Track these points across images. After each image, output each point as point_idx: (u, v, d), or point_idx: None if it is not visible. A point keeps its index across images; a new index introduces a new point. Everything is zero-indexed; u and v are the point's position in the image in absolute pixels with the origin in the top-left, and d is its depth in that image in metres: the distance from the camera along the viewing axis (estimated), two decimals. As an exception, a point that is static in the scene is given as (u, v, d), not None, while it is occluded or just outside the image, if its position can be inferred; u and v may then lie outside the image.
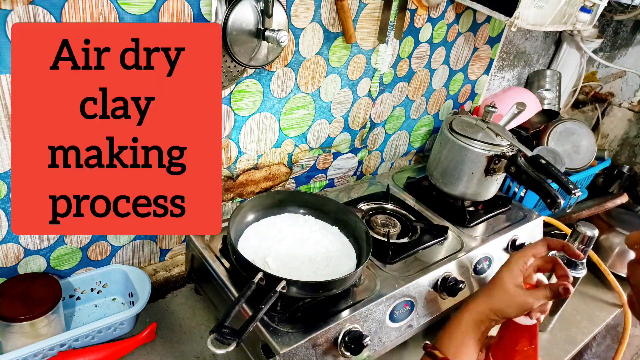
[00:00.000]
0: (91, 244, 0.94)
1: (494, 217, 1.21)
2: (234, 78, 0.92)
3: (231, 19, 0.81)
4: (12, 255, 0.86)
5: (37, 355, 0.80)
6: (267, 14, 0.84)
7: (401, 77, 1.23)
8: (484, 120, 1.17)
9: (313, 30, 0.98)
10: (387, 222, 1.09)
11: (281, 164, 1.14)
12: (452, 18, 1.22)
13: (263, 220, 0.99)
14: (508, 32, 1.43)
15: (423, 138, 1.46)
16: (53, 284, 0.85)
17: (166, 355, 0.90)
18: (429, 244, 1.05)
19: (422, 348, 0.72)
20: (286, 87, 1.02)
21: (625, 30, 1.94)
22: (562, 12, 1.06)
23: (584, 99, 1.97)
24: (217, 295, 0.91)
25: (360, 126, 1.24)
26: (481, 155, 1.12)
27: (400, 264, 0.98)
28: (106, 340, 0.88)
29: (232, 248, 0.86)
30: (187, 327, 0.96)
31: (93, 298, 0.97)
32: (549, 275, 0.87)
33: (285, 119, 1.07)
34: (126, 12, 0.75)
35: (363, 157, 1.32)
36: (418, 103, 1.34)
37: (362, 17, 1.04)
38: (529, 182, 1.09)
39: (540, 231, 1.25)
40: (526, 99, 1.38)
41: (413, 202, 1.21)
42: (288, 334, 0.78)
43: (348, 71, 1.10)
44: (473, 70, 1.41)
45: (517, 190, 1.36)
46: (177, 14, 0.80)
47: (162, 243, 1.05)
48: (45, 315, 0.80)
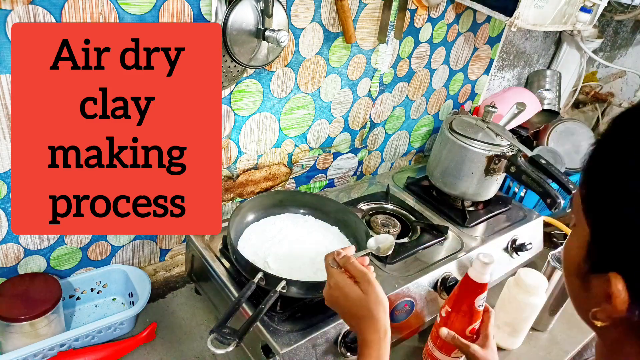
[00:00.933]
0: (91, 244, 0.94)
1: (494, 217, 1.21)
2: (234, 78, 0.92)
3: (231, 19, 0.81)
4: (12, 255, 0.86)
5: (37, 355, 0.80)
6: (267, 14, 0.84)
7: (401, 77, 1.23)
8: (484, 120, 1.17)
9: (313, 30, 0.98)
10: (387, 222, 1.09)
11: (281, 164, 1.13)
12: (452, 18, 1.22)
13: (263, 220, 0.99)
14: (508, 32, 1.43)
15: (423, 138, 1.46)
16: (53, 284, 0.85)
17: (166, 355, 0.89)
18: (429, 244, 1.05)
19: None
20: (286, 87, 1.02)
21: (625, 30, 1.94)
22: (562, 12, 1.06)
23: (584, 99, 1.98)
24: (217, 295, 0.91)
25: (360, 126, 1.24)
26: (481, 155, 1.12)
27: (400, 264, 0.98)
28: (106, 340, 0.88)
29: (232, 248, 0.86)
30: (187, 327, 0.96)
31: (93, 298, 0.97)
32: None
33: (285, 119, 1.07)
34: (126, 12, 0.75)
35: (363, 157, 1.32)
36: (418, 103, 1.34)
37: (362, 17, 1.04)
38: (529, 182, 1.09)
39: (541, 231, 1.25)
40: (526, 99, 1.38)
41: (413, 202, 1.21)
42: (288, 334, 0.78)
43: (348, 71, 1.10)
44: (473, 70, 1.41)
45: (517, 190, 1.36)
46: (177, 14, 0.80)
47: (162, 243, 1.05)
48: (45, 315, 0.80)
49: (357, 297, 0.66)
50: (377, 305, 0.66)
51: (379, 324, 0.66)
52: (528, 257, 1.20)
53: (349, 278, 0.68)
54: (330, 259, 0.71)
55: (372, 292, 0.66)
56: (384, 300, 0.67)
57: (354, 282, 0.68)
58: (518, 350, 1.04)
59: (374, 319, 0.66)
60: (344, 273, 0.69)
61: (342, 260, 0.69)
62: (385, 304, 0.67)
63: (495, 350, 0.80)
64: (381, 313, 0.66)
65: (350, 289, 0.67)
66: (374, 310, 0.66)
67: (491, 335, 0.81)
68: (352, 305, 0.67)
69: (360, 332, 0.67)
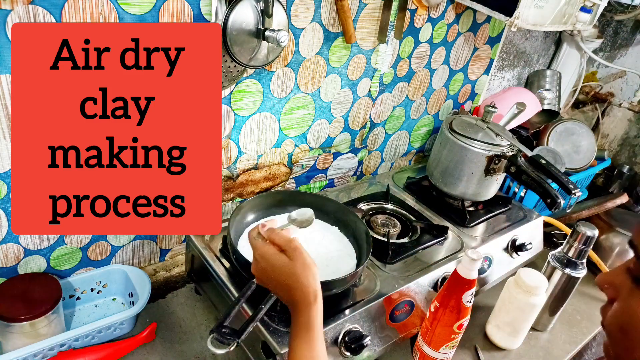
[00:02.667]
0: (91, 244, 0.94)
1: (494, 217, 1.21)
2: (234, 78, 0.92)
3: (231, 19, 0.81)
4: (12, 255, 0.86)
5: (37, 355, 0.80)
6: (267, 14, 0.84)
7: (401, 77, 1.23)
8: (484, 120, 1.17)
9: (313, 30, 0.98)
10: (387, 222, 1.09)
11: (281, 164, 1.14)
12: (452, 18, 1.22)
13: (263, 220, 0.99)
14: (508, 32, 1.43)
15: (423, 138, 1.46)
16: (53, 284, 0.85)
17: (166, 355, 0.90)
18: (429, 244, 1.05)
19: None
20: (286, 87, 1.02)
21: (625, 30, 1.94)
22: (562, 12, 1.06)
23: (584, 99, 1.97)
24: (217, 295, 0.91)
25: (360, 126, 1.24)
26: (481, 155, 1.12)
27: (400, 264, 0.98)
28: (106, 340, 0.88)
29: (232, 248, 0.86)
30: (187, 327, 0.96)
31: (93, 298, 0.97)
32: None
33: (285, 119, 1.07)
34: (126, 12, 0.75)
35: (363, 157, 1.32)
36: (418, 103, 1.34)
37: (362, 17, 1.04)
38: (529, 182, 1.09)
39: (541, 231, 1.25)
40: (526, 99, 1.38)
41: (413, 202, 1.21)
42: (288, 334, 0.78)
43: (348, 71, 1.10)
44: (473, 70, 1.41)
45: (517, 190, 1.36)
46: (177, 14, 0.80)
47: (162, 243, 1.05)
48: (45, 315, 0.80)
49: (284, 264, 0.65)
50: (304, 270, 0.65)
51: (308, 288, 0.64)
52: (528, 257, 1.20)
53: (275, 248, 0.68)
54: (255, 233, 0.70)
55: (299, 257, 0.65)
56: (311, 265, 0.66)
57: (280, 252, 0.67)
58: (518, 350, 1.04)
59: (302, 284, 0.64)
60: (269, 244, 0.68)
61: (267, 232, 0.69)
62: (314, 269, 0.66)
63: None
64: (310, 278, 0.65)
65: (275, 257, 0.66)
66: (300, 276, 0.64)
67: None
68: (279, 274, 0.66)
69: (290, 300, 0.66)
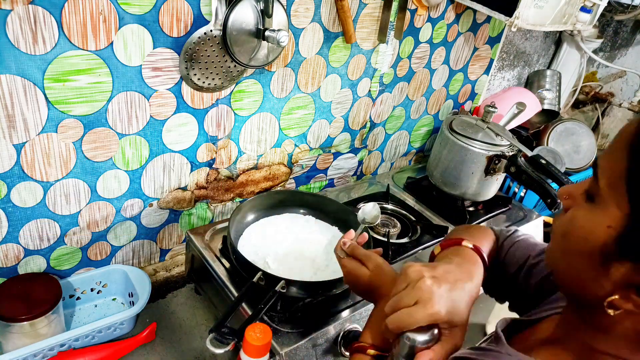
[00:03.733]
0: (91, 244, 0.94)
1: (494, 217, 1.21)
2: (234, 78, 0.92)
3: (231, 19, 0.81)
4: (12, 255, 0.85)
5: (37, 355, 0.80)
6: (267, 14, 0.84)
7: (401, 77, 1.23)
8: (484, 120, 1.17)
9: (313, 30, 0.98)
10: (387, 222, 1.09)
11: (281, 164, 1.13)
12: (452, 18, 1.22)
13: (263, 220, 0.99)
14: (508, 32, 1.43)
15: (423, 138, 1.46)
16: (53, 284, 0.84)
17: (166, 355, 0.89)
18: (429, 244, 1.05)
19: (351, 350, 0.67)
20: (286, 87, 1.02)
21: (625, 30, 1.94)
22: (562, 12, 1.06)
23: (584, 99, 1.98)
24: (217, 295, 0.91)
25: (360, 126, 1.24)
26: (481, 155, 1.12)
27: (400, 264, 0.98)
28: (106, 340, 0.88)
29: (232, 248, 0.86)
30: (187, 327, 0.96)
31: (93, 298, 0.97)
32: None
33: (285, 119, 1.07)
34: (126, 12, 0.75)
35: (363, 157, 1.32)
36: (418, 103, 1.34)
37: (362, 17, 1.04)
38: (529, 182, 1.09)
39: (541, 231, 1.25)
40: (526, 99, 1.38)
41: (413, 202, 1.21)
42: (288, 334, 0.78)
43: (348, 71, 1.10)
44: (473, 70, 1.41)
45: (517, 190, 1.36)
46: (177, 14, 0.80)
47: (162, 243, 1.05)
48: (45, 315, 0.80)
49: (366, 276, 0.71)
50: (380, 277, 0.70)
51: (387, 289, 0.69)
52: (528, 257, 1.20)
53: (358, 262, 0.73)
54: (339, 251, 0.76)
55: (378, 269, 0.71)
56: (390, 272, 0.71)
57: (362, 265, 0.72)
58: (518, 350, 1.04)
59: (381, 288, 0.70)
60: (352, 260, 0.73)
61: (349, 249, 0.74)
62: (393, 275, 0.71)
63: None
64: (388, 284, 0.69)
65: (359, 271, 0.72)
66: (380, 282, 0.70)
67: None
68: (363, 284, 0.72)
69: (375, 301, 0.71)
